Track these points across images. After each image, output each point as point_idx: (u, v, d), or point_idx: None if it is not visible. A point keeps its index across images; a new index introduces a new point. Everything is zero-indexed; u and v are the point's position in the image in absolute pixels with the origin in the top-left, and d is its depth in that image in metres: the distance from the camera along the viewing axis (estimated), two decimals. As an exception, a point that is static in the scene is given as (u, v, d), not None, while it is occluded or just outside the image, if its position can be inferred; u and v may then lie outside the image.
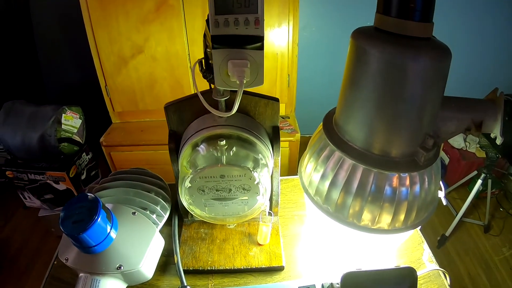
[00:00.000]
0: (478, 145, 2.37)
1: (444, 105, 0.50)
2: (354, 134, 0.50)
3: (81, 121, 1.74)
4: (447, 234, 1.92)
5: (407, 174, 0.49)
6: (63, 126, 1.64)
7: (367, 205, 0.49)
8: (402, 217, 0.51)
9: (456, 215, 1.91)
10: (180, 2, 1.53)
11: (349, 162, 0.49)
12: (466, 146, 2.35)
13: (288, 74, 1.76)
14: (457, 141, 2.38)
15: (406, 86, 0.44)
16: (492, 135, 0.58)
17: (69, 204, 0.53)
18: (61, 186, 1.65)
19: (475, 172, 1.97)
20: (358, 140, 0.49)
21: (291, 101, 1.88)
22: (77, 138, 1.72)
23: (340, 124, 0.52)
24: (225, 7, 0.44)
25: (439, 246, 1.92)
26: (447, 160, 2.42)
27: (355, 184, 0.49)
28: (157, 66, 1.69)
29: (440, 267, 0.70)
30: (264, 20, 0.45)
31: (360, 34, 0.46)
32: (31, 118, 1.62)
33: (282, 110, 1.93)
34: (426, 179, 0.50)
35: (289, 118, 1.88)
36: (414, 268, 0.58)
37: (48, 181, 1.64)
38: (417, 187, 0.50)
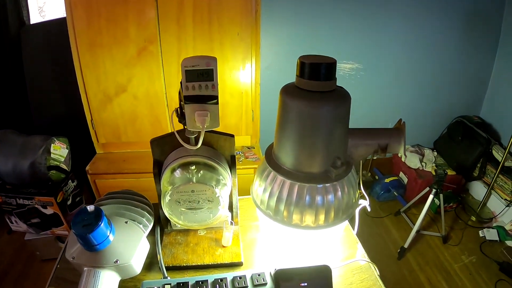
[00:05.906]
0: (434, 164, 2.50)
1: (354, 134, 0.69)
2: (284, 159, 0.69)
3: (67, 150, 1.85)
4: (405, 246, 2.01)
5: (322, 185, 0.67)
6: (52, 155, 1.74)
7: (294, 209, 0.68)
8: (322, 217, 0.68)
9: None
10: (159, 49, 1.70)
11: (280, 178, 0.68)
12: (423, 166, 2.49)
13: (252, 110, 1.93)
14: (414, 162, 2.48)
15: (316, 126, 0.63)
16: (399, 155, 0.77)
17: (77, 214, 0.69)
18: (49, 211, 1.73)
19: (427, 189, 2.08)
20: (287, 163, 0.68)
21: (255, 133, 2.04)
22: (64, 166, 1.82)
23: (276, 153, 0.71)
24: (193, 77, 0.64)
25: (399, 257, 2.00)
26: (406, 180, 2.54)
27: (285, 194, 0.67)
28: (138, 104, 1.84)
29: (400, 276, 0.83)
30: (218, 84, 0.66)
31: (284, 91, 0.66)
32: (22, 147, 1.70)
33: (248, 141, 2.10)
34: (339, 190, 0.69)
35: (254, 148, 2.06)
36: (329, 266, 0.72)
37: (36, 206, 1.71)
38: (331, 196, 0.68)
